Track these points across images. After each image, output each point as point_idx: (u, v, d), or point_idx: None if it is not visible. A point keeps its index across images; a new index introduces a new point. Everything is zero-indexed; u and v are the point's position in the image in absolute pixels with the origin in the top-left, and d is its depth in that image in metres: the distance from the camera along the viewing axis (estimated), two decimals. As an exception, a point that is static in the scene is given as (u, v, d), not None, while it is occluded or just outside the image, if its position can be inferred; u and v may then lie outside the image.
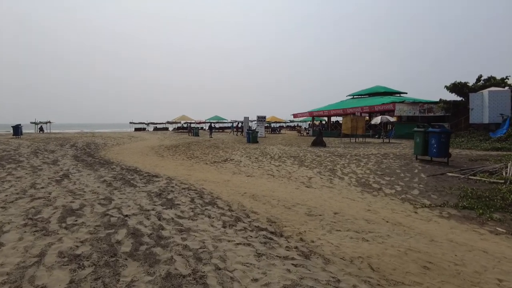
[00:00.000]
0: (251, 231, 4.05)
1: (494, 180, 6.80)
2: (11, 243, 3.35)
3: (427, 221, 4.88)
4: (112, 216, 4.46)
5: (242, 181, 7.96)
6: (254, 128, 28.03)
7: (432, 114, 21.90)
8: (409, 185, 7.27)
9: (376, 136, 23.83)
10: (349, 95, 36.31)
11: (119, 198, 5.58)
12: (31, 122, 37.12)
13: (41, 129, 35.70)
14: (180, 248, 3.36)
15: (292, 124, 56.65)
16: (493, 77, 19.86)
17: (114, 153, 14.68)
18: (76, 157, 12.18)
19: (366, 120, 26.78)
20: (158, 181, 7.39)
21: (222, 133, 39.68)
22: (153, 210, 4.85)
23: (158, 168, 9.93)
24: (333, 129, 31.15)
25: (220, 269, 2.90)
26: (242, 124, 34.76)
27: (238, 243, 3.58)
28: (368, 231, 4.24)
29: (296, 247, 3.55)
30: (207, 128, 37.19)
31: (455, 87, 20.11)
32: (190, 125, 40.72)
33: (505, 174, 7.24)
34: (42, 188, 6.28)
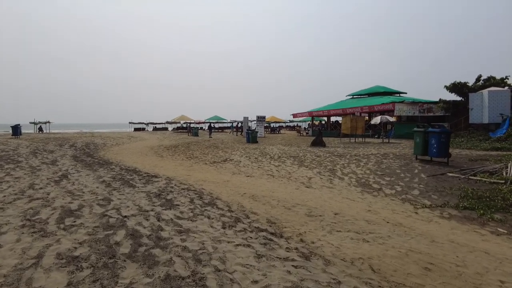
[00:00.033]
0: (251, 232, 4.02)
1: (495, 180, 6.78)
2: (9, 245, 3.32)
3: (428, 222, 4.86)
4: (111, 217, 4.42)
5: (242, 182, 7.93)
6: (254, 128, 28.01)
7: (432, 114, 21.90)
8: (409, 185, 7.25)
9: (376, 136, 23.82)
10: (349, 95, 36.31)
11: (118, 199, 5.55)
12: (30, 122, 37.05)
13: (40, 129, 35.64)
14: (180, 249, 3.33)
15: (292, 124, 56.63)
16: (493, 77, 19.86)
17: (113, 153, 14.64)
18: (75, 157, 12.14)
19: (366, 120, 26.77)
20: (158, 182, 7.36)
21: (222, 133, 39.65)
22: (152, 211, 4.82)
23: (158, 168, 9.90)
24: (333, 129, 31.14)
25: (220, 271, 2.88)
26: (242, 124, 34.73)
27: (238, 244, 3.55)
28: (369, 232, 4.21)
29: (296, 248, 3.53)
30: (207, 128, 37.15)
31: (455, 87, 20.11)
32: (190, 125, 40.67)
33: (506, 174, 7.22)
34: (41, 189, 6.24)
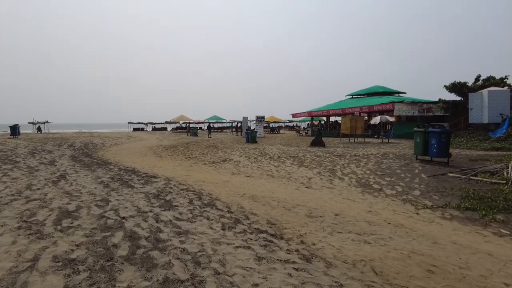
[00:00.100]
0: (251, 234, 3.97)
1: (496, 181, 6.74)
2: (4, 247, 3.25)
3: (429, 223, 4.81)
4: (109, 218, 4.36)
5: (241, 182, 7.87)
6: (253, 128, 27.95)
7: (431, 114, 21.88)
8: (410, 186, 7.21)
9: (375, 136, 23.79)
10: (348, 95, 36.28)
11: (116, 200, 5.49)
12: (29, 122, 36.91)
13: (39, 129, 35.53)
14: (178, 252, 3.27)
15: (291, 124, 56.59)
16: (493, 77, 19.85)
17: (112, 153, 14.56)
18: (74, 158, 12.07)
19: (365, 120, 26.74)
20: (156, 182, 7.29)
21: (221, 133, 39.59)
22: (151, 212, 4.76)
23: (156, 169, 9.84)
24: (332, 129, 31.10)
25: (220, 274, 2.82)
26: (241, 124, 34.66)
27: (238, 246, 3.49)
28: (370, 233, 4.16)
29: (297, 250, 3.47)
30: (206, 128, 37.07)
31: (455, 87, 20.10)
32: (189, 125, 40.59)
33: (507, 175, 7.18)
34: (38, 190, 6.17)
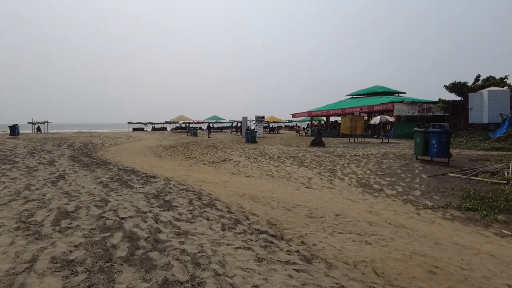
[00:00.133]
0: (251, 234, 3.94)
1: (497, 181, 6.72)
2: (2, 248, 3.22)
3: (431, 223, 4.78)
4: (108, 219, 4.33)
5: (241, 182, 7.84)
6: (253, 128, 27.92)
7: (431, 114, 21.86)
8: (411, 186, 7.18)
9: (375, 136, 23.77)
10: (348, 95, 36.26)
11: (116, 200, 5.45)
12: (29, 122, 36.82)
13: (39, 129, 35.45)
14: (178, 253, 3.24)
15: (291, 124, 56.56)
16: (492, 77, 19.83)
17: (112, 153, 14.53)
18: (73, 158, 12.03)
19: (365, 120, 26.72)
20: (156, 182, 7.26)
21: (221, 133, 39.55)
22: (150, 212, 4.73)
23: (156, 169, 9.80)
24: (332, 129, 31.08)
25: (219, 275, 2.79)
26: (241, 124, 34.62)
27: (238, 247, 3.46)
28: (371, 234, 4.13)
29: (298, 251, 3.44)
30: (206, 128, 37.04)
31: (455, 87, 20.07)
32: (189, 125, 40.54)
33: (507, 175, 7.16)
34: (37, 190, 6.14)
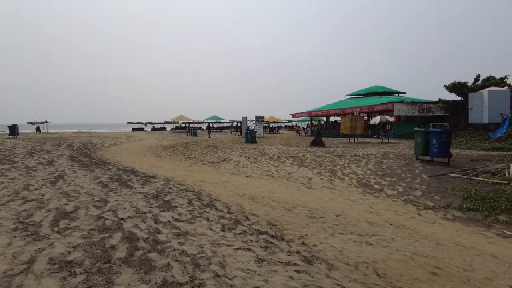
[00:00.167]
0: (251, 235, 3.91)
1: (497, 181, 6.69)
2: (-1, 249, 3.19)
3: (432, 224, 4.75)
4: (107, 219, 4.30)
5: (241, 182, 7.81)
6: (253, 128, 27.89)
7: (431, 114, 21.84)
8: (411, 186, 7.15)
9: (375, 136, 23.75)
10: (348, 95, 36.24)
11: (115, 200, 5.42)
12: (28, 122, 36.74)
13: (38, 129, 35.39)
14: (177, 254, 3.21)
15: (291, 124, 56.53)
16: (492, 77, 19.80)
17: (111, 153, 14.49)
18: (72, 158, 11.99)
19: (365, 120, 26.70)
20: (155, 182, 7.23)
21: (221, 133, 39.51)
22: (150, 213, 4.70)
23: (156, 169, 9.77)
24: (332, 129, 31.06)
25: (219, 276, 2.76)
26: (241, 124, 34.57)
27: (238, 248, 3.43)
28: (372, 234, 4.11)
29: (298, 252, 3.41)
30: (205, 128, 36.99)
31: (455, 87, 20.05)
32: (189, 125, 40.48)
33: (508, 175, 7.13)
34: (36, 190, 6.10)
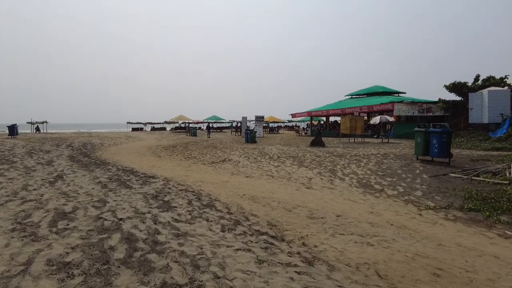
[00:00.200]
0: (251, 236, 3.88)
1: (499, 181, 6.66)
2: (-3, 250, 3.16)
3: (433, 224, 4.72)
4: (106, 220, 4.27)
5: (241, 182, 7.78)
6: (252, 128, 27.86)
7: (431, 114, 21.82)
8: (412, 186, 7.12)
9: (375, 136, 23.72)
10: (348, 95, 36.22)
11: (114, 201, 5.39)
12: (27, 122, 36.66)
13: (38, 129, 35.30)
14: (177, 255, 3.18)
15: (290, 124, 56.50)
16: (493, 77, 19.77)
17: (111, 153, 14.45)
18: (72, 158, 11.95)
19: (365, 120, 26.67)
20: (155, 182, 7.20)
21: (220, 133, 39.48)
22: (149, 213, 4.66)
23: (155, 169, 9.73)
24: (332, 129, 31.03)
25: (219, 278, 2.73)
26: (241, 124, 34.52)
27: (238, 249, 3.40)
28: (373, 235, 4.08)
29: (299, 253, 3.38)
30: (205, 128, 36.96)
31: (455, 87, 20.03)
32: (189, 125, 40.42)
33: (509, 175, 7.10)
34: (34, 190, 6.07)
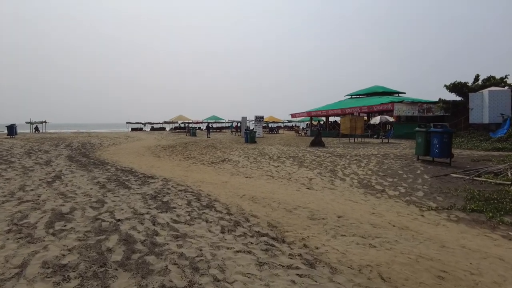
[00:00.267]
0: (251, 237, 3.82)
1: (501, 182, 6.61)
2: (-9, 252, 3.09)
3: (435, 225, 4.66)
4: (104, 221, 4.20)
5: (241, 183, 7.72)
6: (252, 128, 27.80)
7: (431, 114, 21.77)
8: (413, 187, 7.06)
9: (375, 136, 23.67)
10: (348, 95, 36.17)
11: (112, 201, 5.32)
12: (26, 122, 36.55)
13: (37, 129, 35.21)
14: (176, 257, 3.12)
15: (290, 124, 56.44)
16: (493, 77, 19.72)
17: (110, 154, 14.37)
18: (70, 158, 11.88)
19: (365, 120, 26.61)
20: (154, 183, 7.13)
21: (220, 133, 39.40)
22: (148, 214, 4.60)
23: (154, 169, 9.66)
24: (331, 129, 30.98)
25: (219, 281, 2.67)
26: (241, 124, 34.44)
27: (238, 251, 3.34)
28: (375, 236, 4.02)
29: (300, 255, 3.32)
30: (205, 128, 36.88)
31: (455, 87, 19.97)
32: (188, 125, 40.33)
33: (511, 175, 7.05)
34: (32, 191, 6.00)
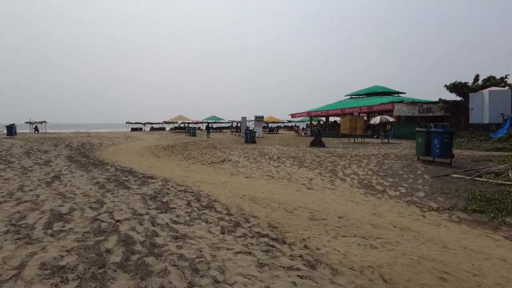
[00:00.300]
0: (252, 238, 3.79)
1: (502, 182, 6.58)
2: (-11, 253, 3.06)
3: (437, 226, 4.63)
4: (103, 221, 4.17)
5: (241, 183, 7.69)
6: (252, 128, 27.77)
7: (432, 114, 21.75)
8: (414, 187, 7.03)
9: (375, 136, 23.65)
10: (348, 95, 36.15)
11: (112, 201, 5.29)
12: (26, 122, 36.48)
13: (36, 129, 35.15)
14: (175, 258, 3.09)
15: (290, 124, 56.41)
16: (493, 77, 19.70)
17: (109, 154, 14.34)
18: (70, 158, 11.84)
19: (365, 120, 26.59)
20: (154, 183, 7.10)
21: (220, 133, 39.37)
22: (147, 215, 4.57)
23: (154, 169, 9.63)
24: (331, 129, 30.95)
25: (219, 282, 2.64)
26: (240, 124, 34.40)
27: (238, 252, 3.31)
28: (376, 237, 3.98)
29: (301, 256, 3.29)
30: (205, 128, 36.84)
31: (455, 87, 19.94)
32: (188, 125, 40.28)
33: (512, 176, 7.02)
34: (31, 191, 5.96)
